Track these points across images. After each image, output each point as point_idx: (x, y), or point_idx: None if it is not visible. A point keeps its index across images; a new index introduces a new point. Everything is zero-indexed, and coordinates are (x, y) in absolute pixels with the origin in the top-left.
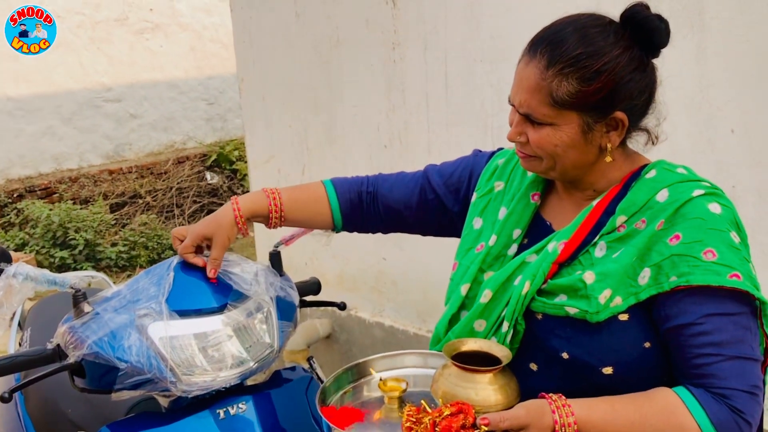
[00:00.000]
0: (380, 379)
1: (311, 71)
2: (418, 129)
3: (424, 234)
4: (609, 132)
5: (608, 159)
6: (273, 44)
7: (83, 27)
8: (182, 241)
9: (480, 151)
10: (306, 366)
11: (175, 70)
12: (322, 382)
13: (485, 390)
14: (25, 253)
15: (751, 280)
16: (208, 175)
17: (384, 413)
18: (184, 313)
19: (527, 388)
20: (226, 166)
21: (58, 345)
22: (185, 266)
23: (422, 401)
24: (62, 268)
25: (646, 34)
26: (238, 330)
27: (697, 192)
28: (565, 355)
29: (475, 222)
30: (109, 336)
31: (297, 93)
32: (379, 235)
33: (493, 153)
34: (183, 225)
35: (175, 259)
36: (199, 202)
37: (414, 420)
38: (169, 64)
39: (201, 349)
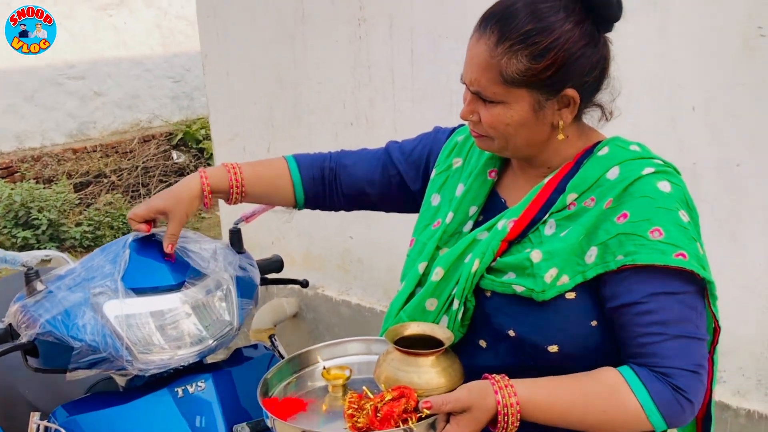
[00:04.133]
0: (324, 368)
1: (276, 47)
2: (384, 106)
3: (387, 211)
4: (561, 109)
5: (561, 137)
6: (237, 19)
7: (45, 2)
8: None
9: (441, 127)
10: (268, 344)
11: (140, 47)
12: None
13: (428, 373)
14: None
15: (698, 260)
16: (174, 154)
17: (328, 402)
18: (140, 291)
19: (477, 364)
20: (192, 145)
21: (10, 324)
22: (141, 243)
23: (364, 387)
24: (25, 248)
25: (597, 7)
26: (197, 308)
27: (647, 170)
28: (511, 333)
29: (433, 198)
30: (63, 314)
31: (262, 69)
32: (346, 213)
33: (453, 129)
34: None
35: (131, 236)
36: (166, 181)
37: (356, 407)
38: (134, 41)
39: (158, 327)
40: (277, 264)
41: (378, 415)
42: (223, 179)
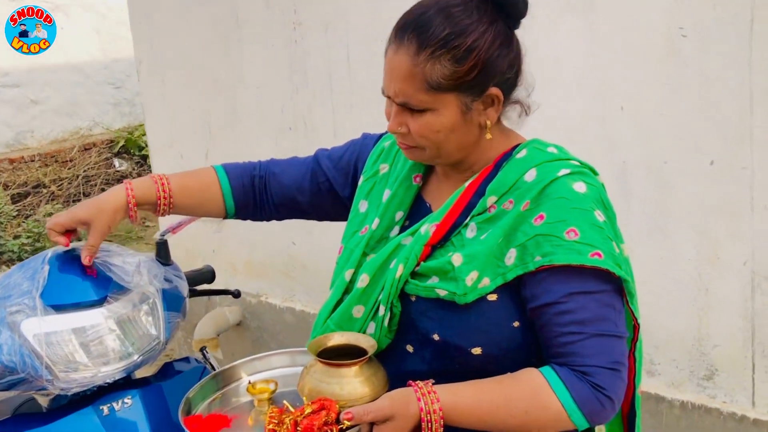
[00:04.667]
0: (249, 383)
1: (211, 51)
2: (323, 111)
3: (319, 219)
4: (486, 109)
5: (488, 136)
6: (171, 24)
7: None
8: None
9: (369, 134)
10: (199, 356)
11: (78, 53)
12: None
13: (350, 383)
14: None
15: (614, 259)
16: (116, 161)
17: (254, 417)
18: (60, 308)
19: (404, 369)
20: (135, 152)
21: None
22: (61, 259)
23: (284, 401)
24: None
25: (506, 6)
26: (121, 323)
27: (563, 171)
28: (436, 337)
29: (360, 205)
30: None
31: (197, 74)
32: (287, 219)
33: (380, 135)
34: None
35: (50, 252)
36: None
37: (276, 422)
38: (72, 46)
39: (81, 344)
40: (208, 275)
41: (298, 429)
42: (150, 190)
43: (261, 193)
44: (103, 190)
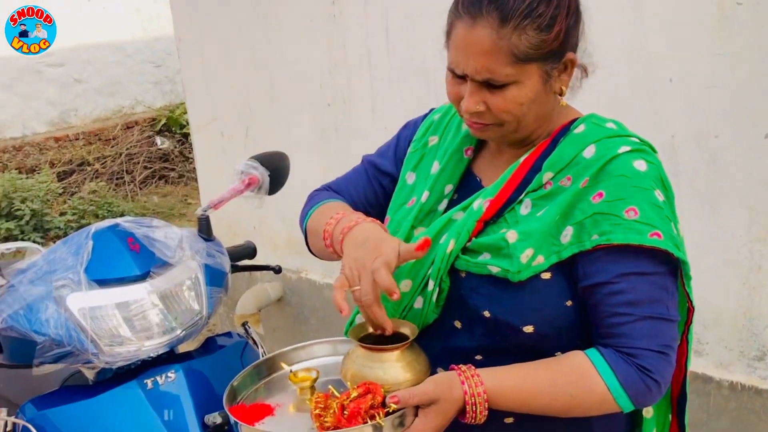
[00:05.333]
0: (291, 372)
1: (250, 28)
2: (361, 86)
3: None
4: (561, 75)
5: (563, 103)
6: (210, 2)
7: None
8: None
9: (411, 120)
10: (241, 331)
11: (119, 32)
12: (257, 346)
13: (393, 368)
14: None
15: (672, 239)
16: (158, 139)
17: (297, 405)
18: (104, 282)
19: (452, 345)
20: (176, 130)
21: None
22: (105, 234)
23: (330, 387)
24: (9, 239)
25: None
26: (164, 297)
27: (623, 148)
28: (486, 314)
29: (408, 177)
30: (26, 309)
31: (236, 52)
32: None
33: (426, 114)
34: (134, 191)
35: (93, 227)
36: (150, 167)
37: (323, 406)
38: (113, 26)
39: (125, 319)
40: (249, 250)
41: (345, 413)
42: None
43: None
44: (145, 167)
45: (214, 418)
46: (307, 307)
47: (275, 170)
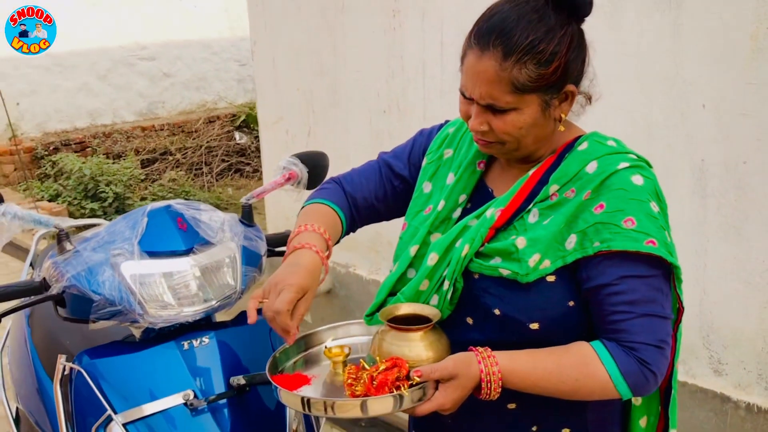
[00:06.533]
0: (325, 347)
1: (318, 36)
2: (415, 96)
3: (392, 218)
4: (561, 104)
5: (561, 128)
6: (283, 8)
7: None
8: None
9: (426, 129)
10: None
11: (208, 30)
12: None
13: (417, 347)
14: (58, 203)
15: (666, 246)
16: (237, 134)
17: (330, 377)
18: (153, 254)
19: (463, 339)
20: (254, 127)
21: (44, 278)
22: (158, 213)
23: (361, 360)
24: (93, 218)
25: (578, 9)
26: (204, 271)
27: (622, 164)
28: (497, 312)
29: (425, 186)
30: (87, 271)
31: (304, 57)
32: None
33: (441, 125)
34: (210, 182)
35: (150, 206)
36: (227, 161)
37: (354, 377)
38: (203, 24)
39: (169, 287)
40: (287, 239)
41: (374, 383)
42: (322, 242)
43: (354, 216)
44: (223, 160)
45: (239, 380)
46: (353, 301)
47: (314, 167)
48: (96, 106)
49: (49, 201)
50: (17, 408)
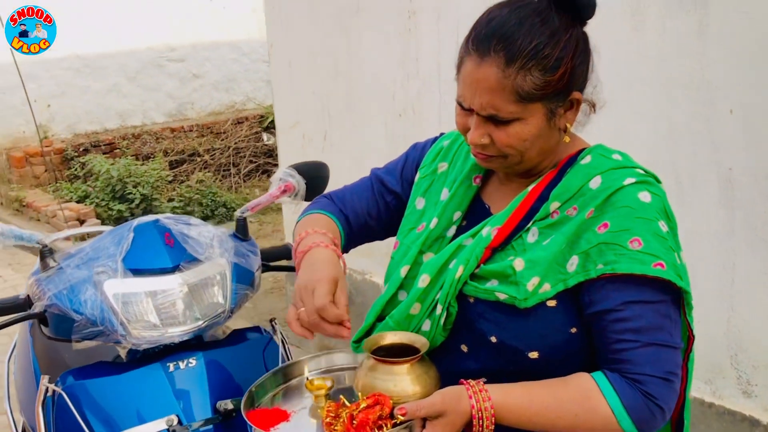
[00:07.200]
0: (307, 379)
1: (333, 39)
2: (430, 99)
3: (386, 237)
4: (566, 113)
5: (567, 139)
6: (299, 11)
7: None
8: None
9: (419, 142)
10: (269, 327)
11: (237, 31)
12: (282, 343)
13: (403, 381)
14: (86, 205)
15: (676, 269)
16: (264, 136)
17: (312, 412)
18: (138, 272)
19: (457, 368)
20: None
21: (28, 295)
22: (145, 228)
23: (341, 396)
24: (120, 220)
25: (581, 11)
26: (192, 289)
27: (628, 180)
28: (493, 339)
29: (417, 202)
30: (68, 290)
31: (320, 60)
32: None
33: (435, 138)
34: (238, 183)
35: (137, 221)
36: (255, 162)
37: (333, 415)
38: (232, 25)
39: (154, 306)
40: (286, 251)
41: (354, 422)
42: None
43: (348, 232)
44: (251, 162)
45: (226, 405)
46: (369, 307)
47: (313, 178)
48: (125, 108)
49: (78, 202)
50: (23, 422)
